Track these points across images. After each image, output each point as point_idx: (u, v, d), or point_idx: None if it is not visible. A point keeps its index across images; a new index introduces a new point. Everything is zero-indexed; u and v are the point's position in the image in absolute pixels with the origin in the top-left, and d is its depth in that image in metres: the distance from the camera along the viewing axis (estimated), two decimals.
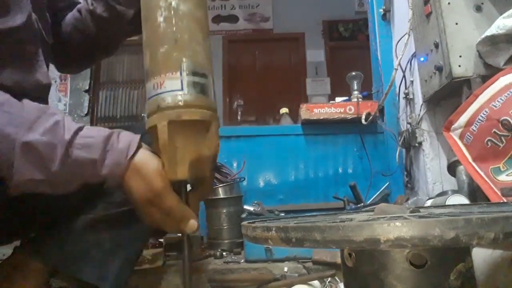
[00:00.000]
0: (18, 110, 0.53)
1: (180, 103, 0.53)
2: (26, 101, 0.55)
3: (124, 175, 0.55)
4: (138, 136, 0.58)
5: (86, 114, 3.96)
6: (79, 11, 0.83)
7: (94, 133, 0.56)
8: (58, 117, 0.55)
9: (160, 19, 0.55)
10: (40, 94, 0.72)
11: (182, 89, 0.54)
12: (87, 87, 3.96)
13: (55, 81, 3.46)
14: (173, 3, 0.56)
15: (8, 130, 0.50)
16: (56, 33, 0.82)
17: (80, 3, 0.87)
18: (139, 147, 0.57)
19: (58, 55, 0.84)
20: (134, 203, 0.57)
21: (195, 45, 0.56)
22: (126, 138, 0.57)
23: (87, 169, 0.54)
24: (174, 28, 0.55)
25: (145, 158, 0.56)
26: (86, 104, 3.97)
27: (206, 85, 0.56)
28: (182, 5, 0.56)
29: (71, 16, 0.84)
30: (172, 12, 0.56)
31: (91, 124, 3.95)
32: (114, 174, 0.55)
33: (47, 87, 0.73)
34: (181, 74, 0.54)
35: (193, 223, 0.56)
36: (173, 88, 0.53)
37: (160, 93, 0.54)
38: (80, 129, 0.55)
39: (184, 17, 0.56)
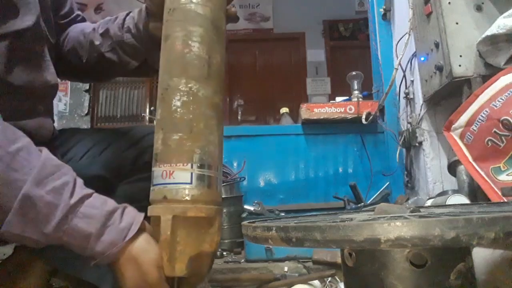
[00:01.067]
0: (34, 159, 0.50)
1: (187, 197, 0.52)
2: (45, 152, 0.53)
3: (119, 257, 0.52)
4: (142, 216, 0.55)
5: (87, 114, 3.96)
6: (84, 35, 0.80)
7: (99, 205, 0.53)
8: (70, 178, 0.52)
9: (178, 103, 0.54)
10: (48, 93, 0.73)
11: (191, 182, 0.52)
12: (87, 87, 3.96)
13: None
14: (194, 88, 0.54)
15: (16, 176, 0.48)
16: (56, 37, 0.82)
17: (80, 16, 0.86)
18: (141, 228, 0.54)
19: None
20: (123, 287, 0.54)
21: (209, 134, 0.55)
22: (129, 217, 0.54)
23: (79, 242, 0.51)
24: (191, 116, 0.54)
25: (144, 245, 0.53)
26: (86, 103, 3.97)
27: (214, 177, 0.55)
28: (202, 91, 0.55)
29: (75, 35, 0.82)
30: (191, 97, 0.54)
31: (91, 123, 3.96)
32: (108, 254, 0.51)
33: (55, 87, 0.73)
34: (192, 166, 0.52)
35: None
36: (182, 181, 0.52)
37: (168, 184, 0.52)
38: (88, 196, 0.52)
39: (202, 104, 0.55)
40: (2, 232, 0.48)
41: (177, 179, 0.52)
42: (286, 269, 1.23)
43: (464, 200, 1.18)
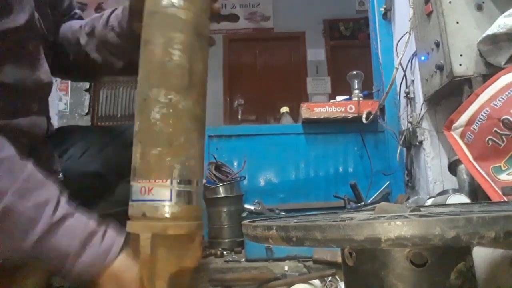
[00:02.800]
0: (18, 172, 0.50)
1: (167, 215, 0.50)
2: (30, 166, 0.52)
3: (100, 275, 0.52)
4: (122, 238, 0.55)
5: (87, 113, 3.96)
6: (72, 33, 0.80)
7: (81, 225, 0.52)
8: (53, 194, 0.52)
9: (157, 116, 0.51)
10: (41, 92, 0.72)
11: (170, 199, 0.50)
12: (87, 86, 3.96)
13: (56, 80, 3.46)
14: (174, 100, 0.52)
15: None
16: (53, 35, 0.81)
17: (77, 14, 0.86)
18: (122, 249, 0.54)
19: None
20: None
21: (190, 148, 0.53)
22: (110, 239, 0.54)
23: (56, 260, 0.50)
24: (171, 129, 0.51)
25: (125, 265, 0.53)
26: (86, 103, 3.97)
27: (193, 192, 0.53)
28: (182, 102, 0.52)
29: (64, 32, 0.81)
30: (171, 109, 0.51)
31: (92, 122, 3.96)
32: (86, 274, 0.51)
33: (49, 85, 0.73)
34: (171, 183, 0.50)
35: None
36: (161, 198, 0.50)
37: (147, 200, 0.51)
38: (70, 215, 0.52)
39: (183, 116, 0.52)
40: None
41: (156, 196, 0.50)
42: (286, 268, 1.23)
43: (464, 199, 1.18)
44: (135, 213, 0.52)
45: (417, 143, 1.66)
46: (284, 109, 2.31)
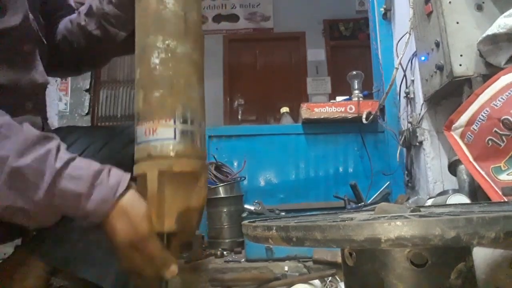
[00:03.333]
0: (16, 134, 0.52)
1: (172, 153, 0.52)
2: (26, 126, 0.54)
3: (110, 213, 0.53)
4: (128, 175, 0.56)
5: (87, 114, 3.96)
6: (71, 22, 0.81)
7: (85, 166, 0.54)
8: (52, 145, 0.54)
9: (156, 61, 0.53)
10: (36, 92, 0.72)
11: (174, 138, 0.52)
12: (87, 86, 3.96)
13: (56, 80, 3.46)
14: (171, 45, 0.54)
15: (0, 153, 0.50)
16: (47, 36, 0.81)
17: (74, 9, 0.86)
18: (128, 186, 0.55)
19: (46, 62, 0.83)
20: (115, 244, 0.55)
21: (190, 90, 0.55)
22: (116, 176, 0.55)
23: (71, 202, 0.53)
24: (171, 72, 0.53)
25: (133, 200, 0.54)
26: (87, 103, 3.97)
27: (196, 132, 0.54)
28: (180, 47, 0.54)
29: (63, 25, 0.82)
30: (170, 54, 0.54)
31: (92, 122, 3.96)
32: (100, 211, 0.53)
33: (43, 85, 0.73)
34: (174, 122, 0.52)
35: (173, 269, 0.55)
36: (166, 137, 0.52)
37: (152, 140, 0.52)
38: (72, 159, 0.54)
39: (181, 60, 0.54)
40: None
41: (161, 135, 0.52)
42: (286, 268, 1.23)
43: (464, 199, 1.18)
44: (140, 155, 0.53)
45: (417, 143, 1.66)
46: (284, 109, 2.31)
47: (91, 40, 0.78)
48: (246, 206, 1.63)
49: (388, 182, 1.87)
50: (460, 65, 1.24)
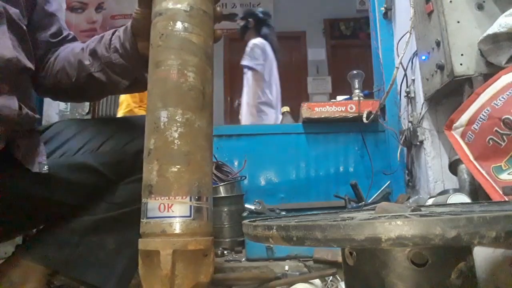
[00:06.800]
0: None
1: (187, 231, 0.52)
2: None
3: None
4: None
5: (87, 113, 3.96)
6: (73, 55, 0.78)
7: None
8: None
9: (175, 134, 0.53)
10: (11, 71, 0.67)
11: (190, 215, 0.52)
12: None
13: None
14: (191, 119, 0.54)
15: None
16: (40, 60, 0.79)
17: (71, 35, 0.84)
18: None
19: (39, 83, 0.81)
20: None
21: (205, 165, 0.55)
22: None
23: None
24: (188, 148, 0.53)
25: None
26: (87, 103, 3.97)
27: (209, 209, 0.55)
28: (198, 122, 0.55)
29: (65, 55, 0.80)
30: (189, 128, 0.54)
31: None
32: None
33: (15, 62, 0.67)
34: (190, 199, 0.52)
35: None
36: (182, 214, 0.52)
37: (167, 217, 0.51)
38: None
39: (198, 135, 0.55)
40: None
41: (177, 213, 0.51)
42: (287, 268, 1.23)
43: (465, 199, 1.18)
44: (152, 230, 0.52)
45: (418, 143, 1.66)
46: (285, 108, 2.31)
47: (91, 80, 0.76)
48: (247, 205, 1.63)
49: (389, 182, 1.87)
50: (461, 64, 1.23)
